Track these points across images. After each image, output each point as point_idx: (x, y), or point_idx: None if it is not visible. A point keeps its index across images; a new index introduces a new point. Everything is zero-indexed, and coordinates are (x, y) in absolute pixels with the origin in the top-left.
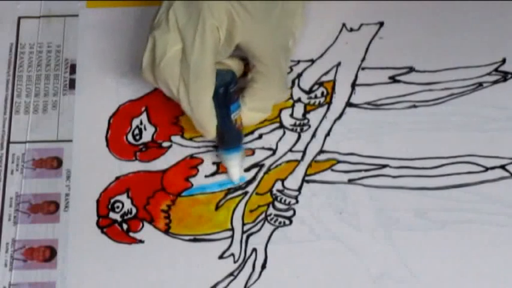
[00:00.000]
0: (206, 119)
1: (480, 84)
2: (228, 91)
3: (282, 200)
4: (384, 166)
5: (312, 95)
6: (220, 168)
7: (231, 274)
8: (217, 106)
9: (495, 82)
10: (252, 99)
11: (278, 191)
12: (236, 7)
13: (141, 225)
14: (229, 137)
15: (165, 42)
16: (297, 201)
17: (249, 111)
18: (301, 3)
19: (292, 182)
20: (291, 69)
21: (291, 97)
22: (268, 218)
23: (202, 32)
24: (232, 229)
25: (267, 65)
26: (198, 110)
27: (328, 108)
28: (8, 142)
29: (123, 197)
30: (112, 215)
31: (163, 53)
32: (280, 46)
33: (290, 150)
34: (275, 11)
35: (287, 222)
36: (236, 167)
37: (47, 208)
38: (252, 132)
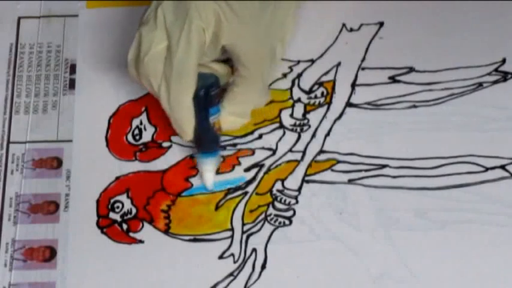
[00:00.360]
0: (184, 120)
1: (480, 84)
2: (209, 94)
3: (282, 200)
4: (384, 166)
5: (312, 95)
6: (220, 168)
7: (231, 274)
8: (196, 108)
9: (495, 82)
10: (231, 103)
11: (278, 191)
12: (224, 8)
13: (141, 225)
14: (205, 140)
15: (151, 39)
16: (297, 201)
17: (228, 116)
18: (292, 10)
19: (292, 182)
20: (291, 69)
21: (291, 97)
22: (268, 218)
23: (188, 32)
24: (232, 229)
25: (249, 69)
26: (177, 109)
27: (328, 108)
28: (8, 142)
29: (123, 197)
30: (112, 215)
31: (148, 49)
32: (266, 51)
33: (290, 150)
34: (264, 16)
35: (287, 222)
36: (210, 172)
37: (47, 208)
38: (252, 133)
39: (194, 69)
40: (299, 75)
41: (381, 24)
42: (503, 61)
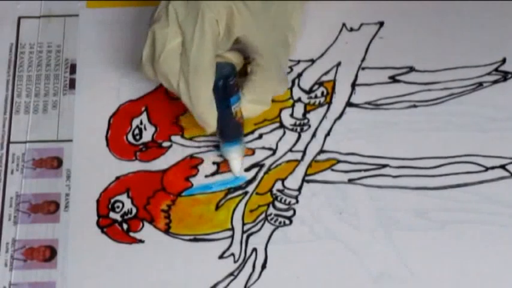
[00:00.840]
0: (207, 112)
1: (480, 84)
2: (228, 84)
3: (282, 200)
4: (384, 166)
5: (312, 94)
6: (220, 168)
7: (231, 274)
8: (217, 99)
9: (495, 82)
10: (250, 92)
11: (278, 190)
12: (236, 2)
13: (141, 225)
14: (229, 130)
15: (165, 36)
16: (297, 201)
17: (249, 104)
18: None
19: (292, 181)
20: (291, 69)
21: (291, 97)
22: (268, 218)
23: (201, 25)
24: (232, 229)
25: (265, 58)
26: (199, 103)
27: (328, 108)
28: (8, 142)
29: (123, 197)
30: (112, 214)
31: (162, 46)
32: (278, 40)
33: (290, 150)
34: (273, 6)
35: (287, 222)
36: (237, 160)
37: (47, 208)
38: (252, 132)
39: (211, 61)
40: (299, 75)
41: (381, 24)
42: (503, 61)
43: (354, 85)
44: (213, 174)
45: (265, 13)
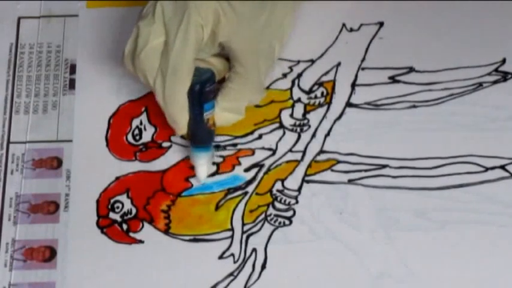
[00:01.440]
0: (178, 114)
1: (480, 84)
2: (204, 89)
3: (282, 200)
4: (384, 166)
5: (312, 95)
6: (220, 168)
7: (231, 274)
8: (191, 103)
9: (495, 82)
10: (225, 99)
11: (278, 191)
12: (224, 7)
13: (141, 225)
14: (199, 136)
15: (149, 33)
16: (297, 201)
17: (222, 112)
18: (291, 11)
19: (292, 182)
20: (291, 70)
21: (291, 97)
22: (268, 218)
23: (186, 27)
24: (232, 229)
25: (245, 67)
26: (172, 104)
27: (328, 108)
28: (8, 142)
29: (123, 197)
30: (112, 215)
31: (145, 43)
32: (262, 50)
33: (290, 150)
34: (263, 15)
35: (287, 222)
36: (203, 166)
37: (47, 208)
38: (252, 133)
39: (190, 64)
40: (299, 75)
41: (381, 24)
42: (503, 61)
43: (353, 85)
44: (212, 174)
45: (254, 21)
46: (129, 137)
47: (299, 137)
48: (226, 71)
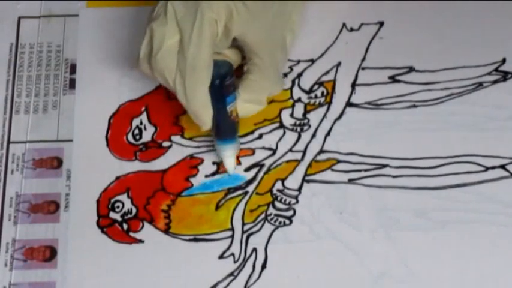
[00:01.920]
0: (202, 110)
1: (480, 84)
2: (224, 83)
3: (282, 200)
4: (384, 166)
5: (312, 94)
6: (220, 168)
7: (231, 274)
8: (213, 98)
9: (495, 82)
10: (246, 91)
11: (278, 190)
12: (236, 3)
13: (141, 225)
14: (224, 129)
15: (163, 33)
16: (297, 201)
17: (244, 103)
18: (300, 2)
19: (292, 181)
20: (291, 69)
21: (291, 97)
22: (268, 218)
23: (200, 24)
24: (232, 229)
25: (262, 58)
26: (194, 101)
27: (328, 108)
28: (8, 142)
29: (123, 197)
30: (112, 214)
31: (160, 44)
32: (276, 40)
33: (290, 150)
34: (273, 7)
35: (287, 222)
36: (231, 158)
37: (47, 208)
38: (252, 132)
39: (208, 61)
40: (299, 75)
41: (381, 24)
42: (503, 61)
43: (354, 85)
44: (213, 174)
45: (265, 13)
46: (129, 137)
47: (299, 136)
48: (240, 61)
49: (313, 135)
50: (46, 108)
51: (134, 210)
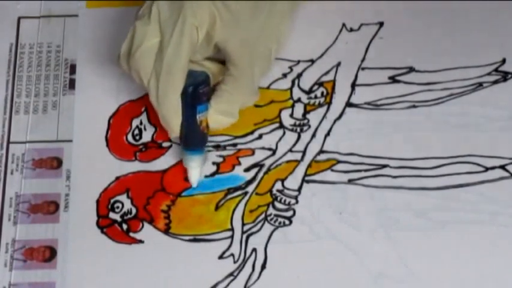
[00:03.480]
0: (171, 116)
1: (480, 84)
2: (197, 91)
3: (282, 200)
4: (384, 166)
5: (312, 95)
6: (220, 168)
7: (231, 274)
8: (184, 104)
9: (495, 82)
10: (218, 102)
11: (278, 191)
12: (220, 8)
13: (141, 225)
14: (192, 138)
15: (144, 33)
16: (297, 201)
17: (215, 114)
18: (288, 13)
19: (292, 182)
20: (291, 69)
21: (291, 97)
22: (268, 218)
23: (181, 29)
24: (232, 229)
25: (239, 69)
26: (165, 104)
27: (328, 108)
28: (8, 142)
29: (123, 197)
30: (112, 215)
31: (140, 43)
32: (259, 52)
33: (290, 150)
34: (260, 18)
35: (287, 222)
36: (195, 169)
37: (47, 208)
38: (252, 133)
39: (184, 66)
40: (299, 75)
41: (381, 24)
42: (503, 61)
43: (353, 85)
44: (212, 174)
45: (251, 23)
46: (129, 137)
47: (299, 137)
48: (221, 75)
49: (313, 136)
50: (46, 108)
51: (134, 211)
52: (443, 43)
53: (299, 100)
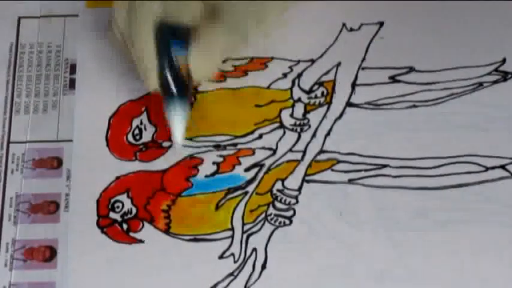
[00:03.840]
0: (146, 57)
1: (480, 84)
2: (168, 23)
3: (282, 200)
4: (384, 166)
5: (312, 95)
6: (220, 168)
7: (231, 274)
8: (157, 41)
9: (495, 82)
10: (197, 39)
11: (278, 190)
12: None
13: (141, 225)
14: (170, 81)
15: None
16: (297, 201)
17: (194, 57)
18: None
19: (292, 181)
20: (291, 69)
21: (291, 97)
22: (269, 218)
23: None
24: (232, 229)
25: (235, 5)
26: (138, 42)
27: (328, 108)
28: (8, 142)
29: (123, 197)
30: (112, 215)
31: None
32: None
33: (290, 150)
34: None
35: (287, 222)
36: (178, 118)
37: (47, 208)
38: (252, 132)
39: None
40: (299, 75)
41: (381, 24)
42: (503, 61)
43: (354, 85)
44: (213, 174)
45: None
46: (129, 137)
47: (299, 136)
48: (202, 14)
49: (313, 135)
50: (46, 108)
51: (134, 210)
52: (443, 43)
53: (299, 100)
